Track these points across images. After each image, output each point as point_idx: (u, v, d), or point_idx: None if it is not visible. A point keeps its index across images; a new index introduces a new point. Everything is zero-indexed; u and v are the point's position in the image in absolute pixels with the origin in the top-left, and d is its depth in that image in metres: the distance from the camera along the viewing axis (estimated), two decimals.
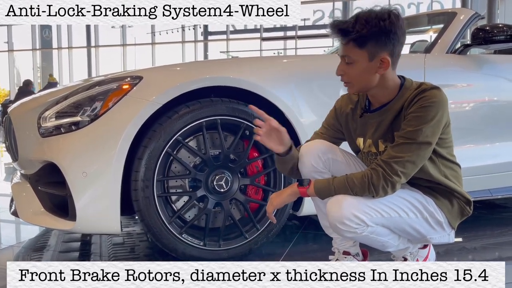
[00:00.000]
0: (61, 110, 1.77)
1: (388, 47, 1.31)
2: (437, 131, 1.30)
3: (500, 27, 2.21)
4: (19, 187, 1.99)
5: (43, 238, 2.30)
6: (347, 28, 1.29)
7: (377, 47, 1.29)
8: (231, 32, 17.41)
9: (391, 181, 1.28)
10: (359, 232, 1.32)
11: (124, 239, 2.23)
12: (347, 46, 1.31)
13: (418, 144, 1.27)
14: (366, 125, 1.43)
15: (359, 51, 1.30)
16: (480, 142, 2.27)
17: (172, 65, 1.93)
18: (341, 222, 1.31)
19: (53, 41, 19.26)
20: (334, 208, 1.32)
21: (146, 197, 1.71)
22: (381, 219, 1.33)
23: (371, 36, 1.28)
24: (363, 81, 1.34)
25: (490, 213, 2.74)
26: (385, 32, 1.28)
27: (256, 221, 1.87)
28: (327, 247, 1.65)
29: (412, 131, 1.27)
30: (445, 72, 2.20)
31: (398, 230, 1.39)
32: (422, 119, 1.27)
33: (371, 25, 1.27)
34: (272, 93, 1.83)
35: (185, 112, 1.74)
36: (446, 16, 2.46)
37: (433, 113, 1.27)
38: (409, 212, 1.36)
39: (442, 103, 1.29)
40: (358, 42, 1.29)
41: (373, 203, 1.32)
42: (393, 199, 1.34)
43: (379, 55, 1.30)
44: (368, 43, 1.29)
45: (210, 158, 1.81)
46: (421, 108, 1.28)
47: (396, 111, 1.35)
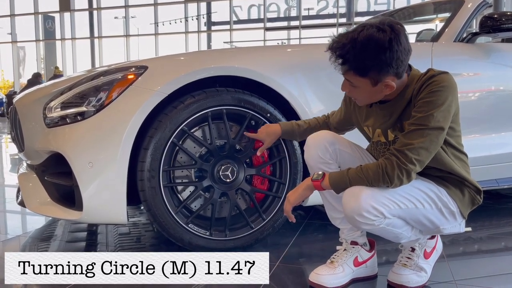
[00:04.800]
0: (66, 101, 1.76)
1: (391, 72, 1.26)
2: (448, 116, 1.27)
3: (508, 15, 2.18)
4: (26, 177, 2.00)
5: (50, 228, 2.31)
6: (346, 57, 1.24)
7: (380, 75, 1.26)
8: (234, 22, 17.30)
9: (406, 169, 1.26)
10: (376, 224, 1.31)
11: (130, 229, 2.24)
12: (348, 73, 1.28)
13: (431, 130, 1.25)
14: (375, 115, 1.42)
15: (360, 79, 1.27)
16: (486, 131, 2.25)
17: (177, 54, 1.92)
18: (359, 214, 1.29)
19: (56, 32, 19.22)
20: (352, 200, 1.29)
21: (152, 187, 1.71)
22: (398, 210, 1.32)
23: (372, 67, 1.24)
24: (371, 99, 1.35)
25: (497, 203, 2.73)
26: (387, 63, 1.23)
27: (262, 211, 1.87)
28: (332, 236, 1.65)
29: (424, 117, 1.25)
30: (452, 61, 2.17)
31: (413, 221, 1.38)
32: (432, 104, 1.25)
33: (371, 56, 1.21)
34: (277, 82, 1.82)
35: (190, 102, 1.73)
36: (453, 4, 2.43)
37: (443, 97, 1.25)
38: (424, 203, 1.35)
39: (452, 87, 1.27)
40: (359, 72, 1.25)
41: (391, 195, 1.30)
42: (409, 190, 1.32)
43: (383, 81, 1.27)
44: (370, 73, 1.25)
45: (215, 148, 1.81)
46: (431, 93, 1.26)
47: (406, 101, 1.33)
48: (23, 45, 19.85)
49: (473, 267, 1.77)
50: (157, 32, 17.76)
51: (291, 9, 17.07)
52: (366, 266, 1.57)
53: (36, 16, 18.84)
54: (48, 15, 18.96)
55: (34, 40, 19.11)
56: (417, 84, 1.31)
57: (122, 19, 18.26)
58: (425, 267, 1.51)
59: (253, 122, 1.83)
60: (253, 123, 1.83)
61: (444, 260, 1.72)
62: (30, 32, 19.08)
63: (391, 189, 1.30)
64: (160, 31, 17.78)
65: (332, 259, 1.56)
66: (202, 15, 17.42)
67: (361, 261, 1.55)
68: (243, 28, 17.65)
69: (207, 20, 17.75)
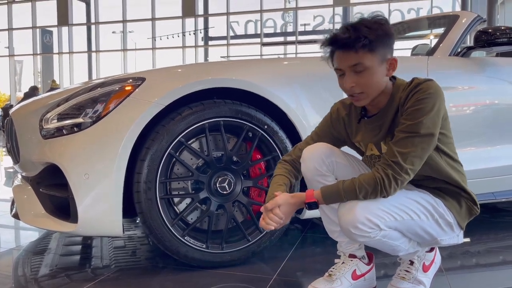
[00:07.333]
0: (63, 112, 1.76)
1: (391, 48, 1.33)
2: (437, 121, 1.29)
3: (502, 29, 2.21)
4: (20, 189, 1.98)
5: (44, 241, 2.28)
6: (356, 37, 1.26)
7: (385, 49, 1.30)
8: (231, 37, 17.45)
9: (401, 180, 1.27)
10: (372, 236, 1.30)
11: (125, 242, 2.21)
12: (358, 54, 1.28)
13: (422, 137, 1.26)
14: (364, 130, 1.43)
15: (371, 56, 1.28)
16: (483, 144, 2.26)
17: (175, 66, 1.92)
18: (354, 226, 1.28)
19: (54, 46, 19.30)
20: (346, 213, 1.29)
21: (149, 199, 1.70)
22: (394, 222, 1.31)
23: (378, 40, 1.28)
24: (376, 87, 1.32)
25: (493, 216, 2.72)
26: (387, 34, 1.30)
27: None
28: (330, 249, 1.64)
29: (413, 124, 1.26)
30: (448, 75, 2.19)
31: (410, 233, 1.37)
32: (421, 111, 1.26)
33: (376, 29, 1.28)
34: (274, 94, 1.83)
35: (188, 113, 1.73)
36: (448, 19, 2.46)
37: (431, 104, 1.26)
38: (420, 214, 1.34)
39: (438, 93, 1.29)
40: (369, 47, 1.27)
41: (386, 207, 1.30)
42: (405, 201, 1.32)
43: (387, 57, 1.31)
44: (378, 47, 1.28)
45: (213, 160, 1.80)
46: (418, 101, 1.27)
47: (394, 111, 1.34)
48: (20, 58, 19.90)
49: (471, 281, 1.75)
50: (154, 47, 17.87)
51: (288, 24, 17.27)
52: (365, 279, 1.55)
53: (34, 30, 18.94)
54: (46, 29, 19.06)
55: (31, 54, 19.17)
56: (403, 93, 1.32)
57: (120, 33, 18.38)
58: (423, 281, 1.49)
59: (250, 134, 1.83)
60: (250, 135, 1.83)
61: (443, 273, 1.71)
62: (27, 46, 19.16)
63: (386, 200, 1.30)
64: (157, 46, 17.90)
65: (330, 272, 1.54)
66: (199, 30, 17.57)
67: (359, 274, 1.54)
68: (240, 43, 17.80)
69: (205, 35, 17.89)
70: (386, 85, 1.35)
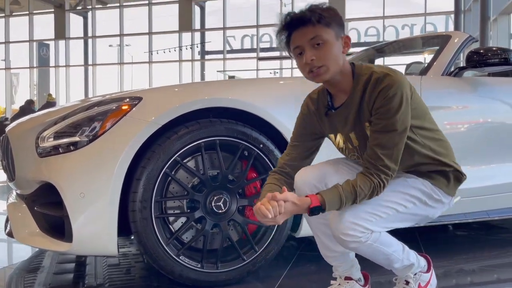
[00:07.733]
0: (59, 130, 1.76)
1: (343, 28, 1.38)
2: (409, 110, 1.33)
3: (494, 50, 2.25)
4: (15, 207, 1.97)
5: (37, 259, 2.26)
6: (311, 12, 1.33)
7: (338, 27, 1.36)
8: (228, 51, 17.58)
9: (391, 176, 1.33)
10: (363, 240, 1.34)
11: (120, 260, 2.20)
12: (315, 27, 1.33)
13: (400, 133, 1.31)
14: (333, 122, 1.45)
15: (327, 29, 1.33)
16: (476, 163, 2.28)
17: (171, 86, 1.94)
18: (343, 233, 1.33)
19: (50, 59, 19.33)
20: (334, 220, 1.35)
21: (144, 218, 1.70)
22: (380, 220, 1.36)
23: (332, 18, 1.34)
24: (335, 61, 1.34)
25: (487, 234, 2.73)
26: (338, 14, 1.37)
27: (254, 242, 1.85)
28: (325, 268, 1.64)
29: (389, 124, 1.30)
30: (441, 94, 2.22)
31: (401, 221, 1.42)
32: (392, 110, 1.29)
33: (327, 9, 1.35)
34: (269, 113, 1.84)
35: (184, 132, 1.74)
36: (440, 39, 2.51)
37: (398, 99, 1.29)
38: (407, 203, 1.38)
39: (402, 83, 1.31)
40: (325, 22, 1.33)
41: (371, 207, 1.34)
42: (389, 197, 1.36)
43: (341, 35, 1.36)
44: (332, 23, 1.34)
45: (208, 178, 1.81)
46: (387, 100, 1.29)
47: (358, 103, 1.36)
48: (17, 71, 19.90)
49: None
50: (151, 60, 17.95)
51: None
52: None
53: (31, 43, 19.00)
54: (43, 43, 19.12)
55: (28, 67, 19.19)
56: (366, 87, 1.33)
57: (117, 47, 18.46)
58: None
59: (246, 152, 1.84)
60: (246, 153, 1.84)
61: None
62: (24, 59, 19.18)
63: (371, 201, 1.33)
64: (154, 59, 17.98)
65: None
66: (196, 44, 17.69)
67: None
68: (236, 58, 17.92)
69: (201, 49, 18.00)
70: (345, 65, 1.37)
